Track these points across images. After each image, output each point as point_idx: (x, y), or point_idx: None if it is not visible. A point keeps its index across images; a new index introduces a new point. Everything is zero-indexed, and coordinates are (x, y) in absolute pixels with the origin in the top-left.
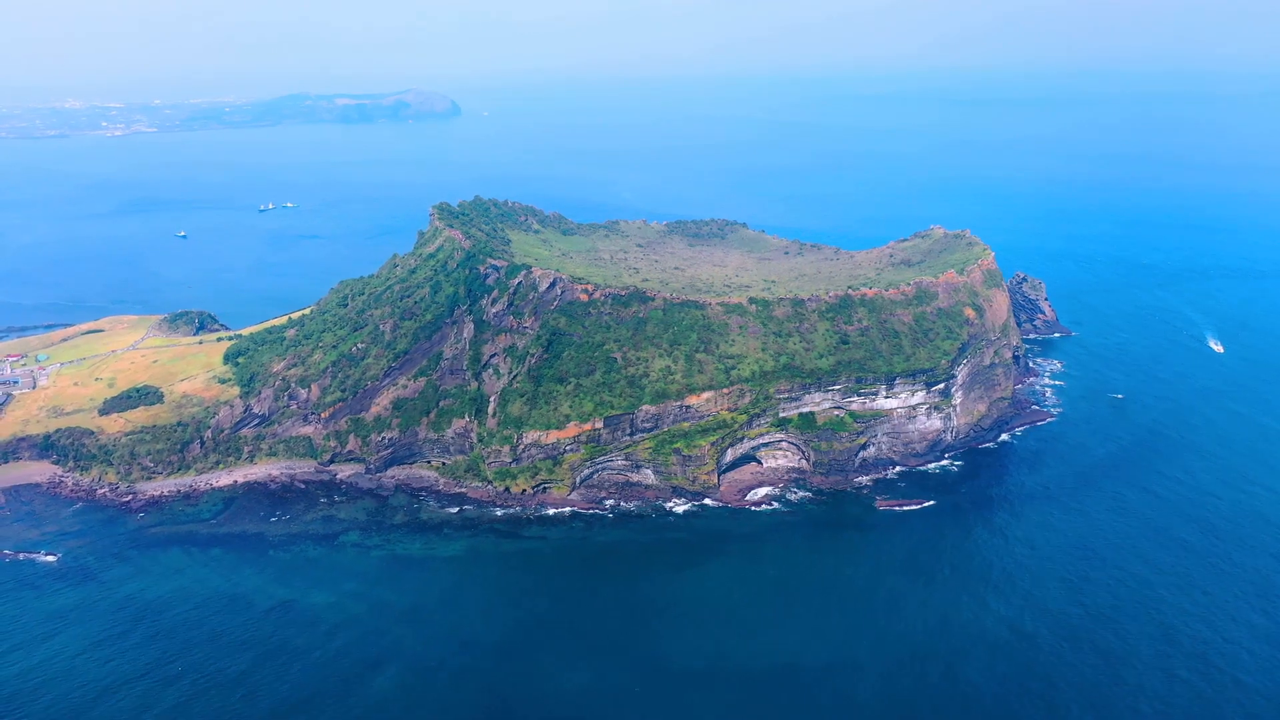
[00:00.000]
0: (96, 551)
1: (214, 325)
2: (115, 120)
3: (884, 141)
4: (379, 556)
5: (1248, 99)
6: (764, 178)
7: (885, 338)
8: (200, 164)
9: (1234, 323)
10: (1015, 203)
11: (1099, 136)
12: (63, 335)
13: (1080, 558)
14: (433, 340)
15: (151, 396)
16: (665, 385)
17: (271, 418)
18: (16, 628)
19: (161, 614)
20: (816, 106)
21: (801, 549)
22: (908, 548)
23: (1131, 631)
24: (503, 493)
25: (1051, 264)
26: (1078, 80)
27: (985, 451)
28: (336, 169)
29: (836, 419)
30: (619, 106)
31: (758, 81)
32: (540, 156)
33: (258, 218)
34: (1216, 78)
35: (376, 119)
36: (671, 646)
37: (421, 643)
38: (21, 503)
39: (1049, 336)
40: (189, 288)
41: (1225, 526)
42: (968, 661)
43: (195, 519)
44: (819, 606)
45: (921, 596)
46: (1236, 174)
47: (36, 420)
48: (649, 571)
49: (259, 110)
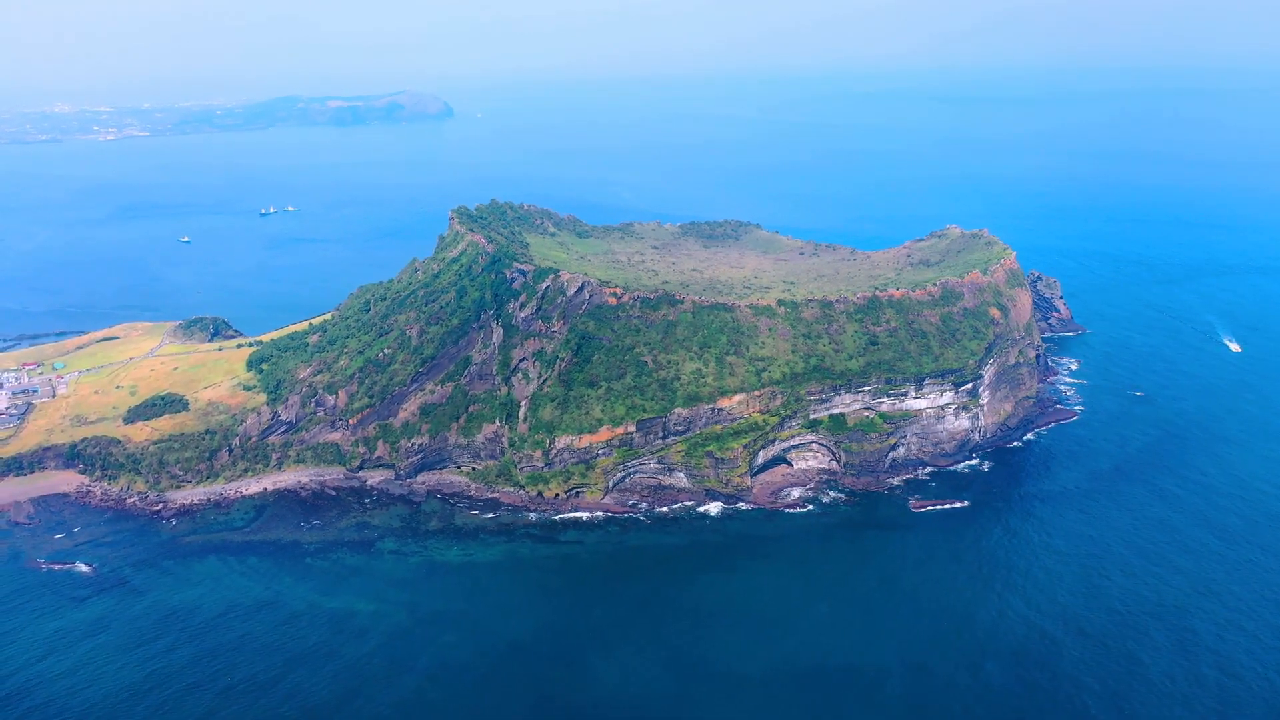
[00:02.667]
0: (132, 561)
1: (228, 331)
2: (106, 124)
3: (882, 140)
4: (417, 563)
5: (1248, 94)
6: (762, 176)
7: (913, 338)
8: (196, 168)
9: (1247, 319)
10: (1019, 200)
11: (1099, 133)
12: (78, 343)
13: (1114, 557)
14: (459, 345)
15: (176, 404)
16: (697, 388)
17: (299, 424)
18: (58, 638)
19: (204, 623)
20: (811, 105)
21: (839, 551)
22: (947, 549)
23: (1155, 635)
24: (535, 497)
25: (1059, 261)
26: (1074, 78)
27: (1012, 451)
28: (333, 171)
29: (867, 420)
30: (612, 106)
31: (751, 81)
32: (537, 157)
33: (260, 222)
34: (1212, 73)
35: (370, 121)
36: (715, 649)
37: (470, 650)
38: (51, 512)
39: (1064, 335)
40: (198, 293)
41: (1247, 527)
42: (1023, 662)
43: (228, 527)
44: (864, 608)
45: (966, 597)
46: (1239, 170)
47: (61, 429)
48: (688, 574)
49: (251, 113)
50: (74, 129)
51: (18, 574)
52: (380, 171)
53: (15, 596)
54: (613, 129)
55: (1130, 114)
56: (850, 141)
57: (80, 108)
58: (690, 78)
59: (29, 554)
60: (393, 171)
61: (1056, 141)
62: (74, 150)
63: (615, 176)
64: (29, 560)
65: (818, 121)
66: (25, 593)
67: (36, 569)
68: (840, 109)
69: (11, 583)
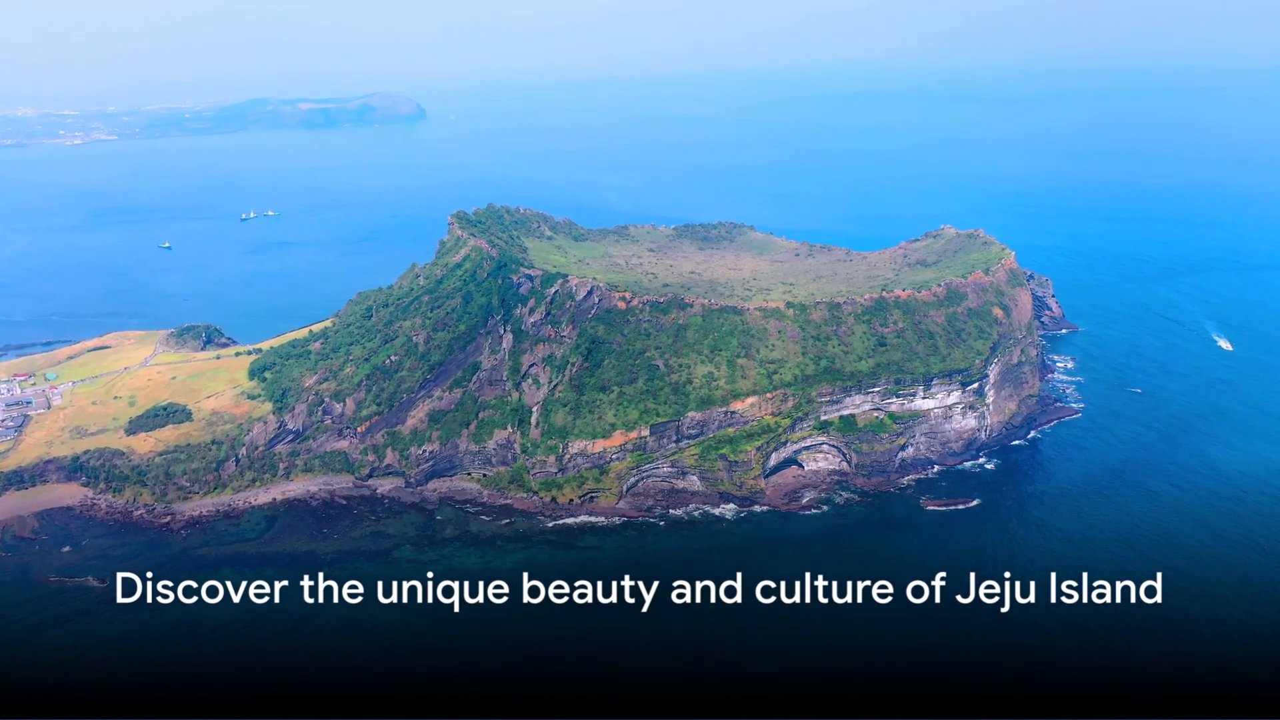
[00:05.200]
0: (145, 574)
1: (221, 339)
2: (72, 128)
3: (867, 140)
4: (436, 571)
5: (1228, 92)
6: (748, 177)
7: (920, 339)
8: (169, 172)
9: (1234, 315)
10: (1006, 199)
11: (1084, 132)
12: (69, 352)
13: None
14: (467, 351)
15: (180, 414)
16: (709, 391)
17: (306, 433)
18: (79, 656)
19: (227, 634)
20: (792, 105)
21: (857, 552)
22: (966, 547)
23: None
24: (549, 503)
25: (1047, 259)
26: (1061, 77)
27: (1018, 449)
28: (310, 175)
29: (876, 421)
30: (588, 107)
31: (733, 81)
32: (516, 159)
33: (241, 227)
34: (1197, 71)
35: (342, 123)
36: (746, 653)
37: (499, 661)
38: (56, 526)
39: (1056, 333)
40: (185, 300)
41: (1255, 516)
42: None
43: (240, 538)
44: (887, 610)
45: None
46: (1224, 167)
47: (60, 441)
48: (710, 577)
49: (221, 116)
50: (39, 133)
51: (29, 589)
52: (357, 174)
53: (30, 612)
54: (590, 131)
55: (1115, 113)
56: (834, 142)
57: (44, 111)
58: (669, 79)
59: (38, 568)
60: (370, 174)
61: (1041, 141)
62: (40, 155)
63: (597, 178)
64: (38, 575)
65: (800, 121)
66: (39, 608)
67: (47, 583)
68: (823, 109)
69: (24, 597)
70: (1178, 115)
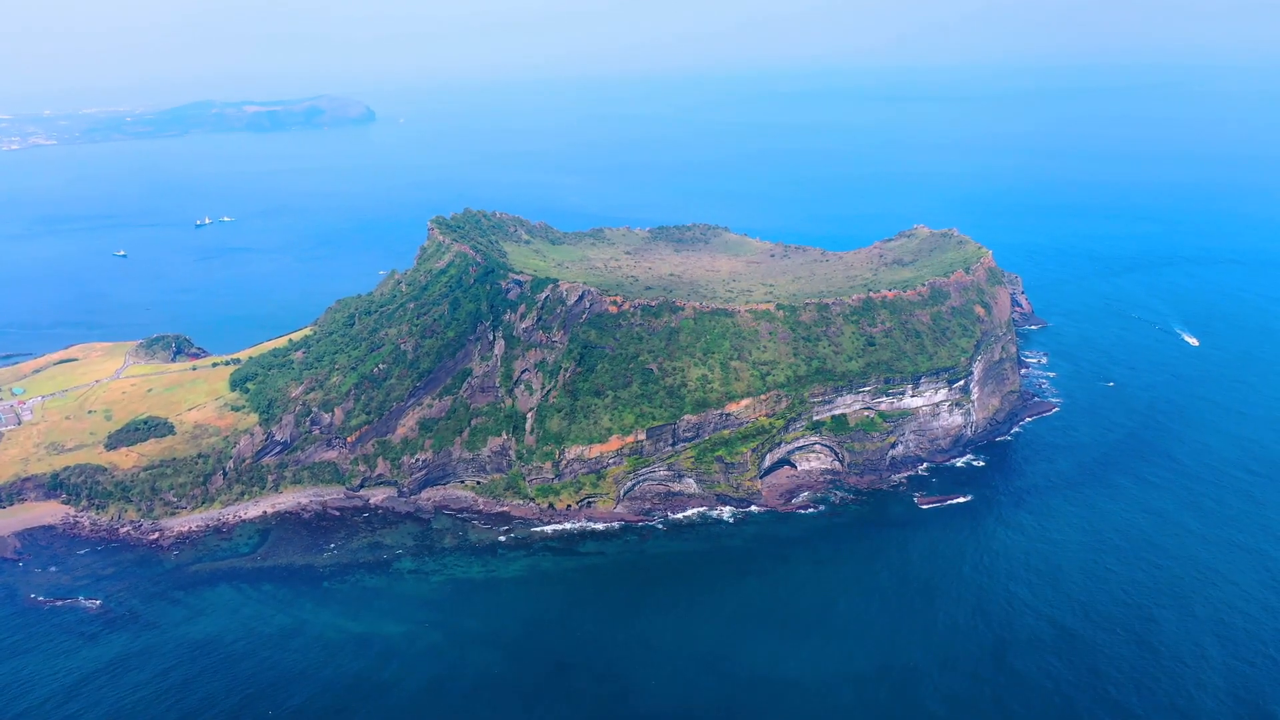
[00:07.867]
0: (140, 593)
1: (192, 349)
2: (8, 133)
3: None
4: (439, 582)
5: (1191, 88)
6: (709, 177)
7: (908, 338)
8: (114, 177)
9: (1196, 308)
10: (973, 198)
11: (1050, 131)
12: (34, 366)
13: (1109, 545)
14: (456, 358)
15: (161, 428)
16: (704, 394)
17: (294, 444)
18: (78, 679)
19: (230, 654)
20: (736, 105)
21: (855, 550)
22: (957, 543)
23: (1160, 618)
24: (547, 509)
25: (1013, 256)
26: (1024, 77)
27: (1003, 444)
28: (261, 179)
29: (867, 420)
30: (537, 108)
31: (670, 82)
32: (472, 161)
33: (195, 233)
34: (1158, 69)
35: (290, 126)
36: (750, 653)
37: (512, 667)
38: (40, 547)
39: (1028, 329)
40: (147, 310)
41: (1229, 509)
42: (1040, 650)
43: (234, 553)
44: (886, 605)
45: (978, 590)
46: (1185, 164)
47: (37, 458)
48: (712, 579)
49: (163, 120)
50: None
51: (18, 613)
52: (309, 178)
53: (20, 637)
54: (542, 133)
55: (1078, 112)
56: (794, 141)
57: None
58: (610, 78)
59: (24, 591)
60: (323, 178)
61: (1005, 140)
62: None
63: (555, 179)
64: (26, 598)
65: (747, 121)
66: (30, 632)
67: (36, 606)
68: (771, 108)
69: (13, 622)
70: (1143, 113)
